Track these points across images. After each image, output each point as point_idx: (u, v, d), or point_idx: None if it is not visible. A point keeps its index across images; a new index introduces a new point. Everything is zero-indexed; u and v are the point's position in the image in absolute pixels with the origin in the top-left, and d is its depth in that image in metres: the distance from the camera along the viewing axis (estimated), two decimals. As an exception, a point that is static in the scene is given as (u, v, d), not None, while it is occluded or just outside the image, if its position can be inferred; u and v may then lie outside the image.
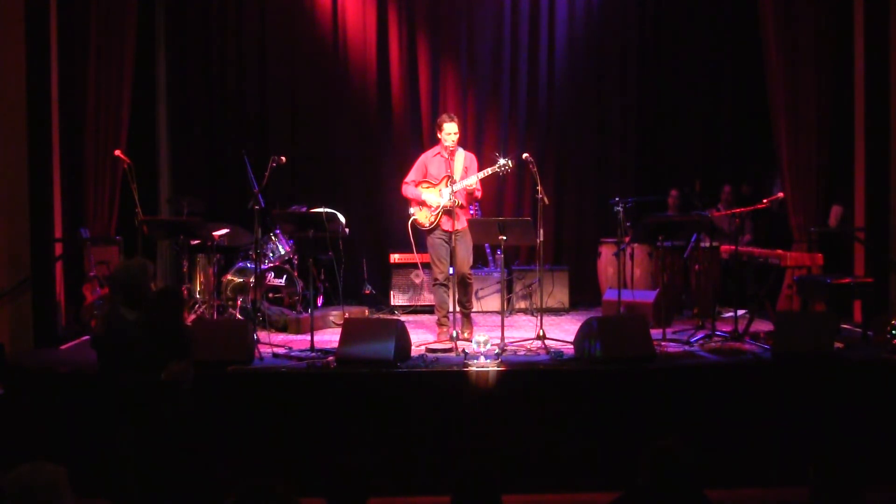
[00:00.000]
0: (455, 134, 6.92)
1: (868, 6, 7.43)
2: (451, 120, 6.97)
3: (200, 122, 9.10)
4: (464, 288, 6.98)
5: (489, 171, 6.84)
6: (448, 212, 6.86)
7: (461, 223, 6.81)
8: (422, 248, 7.26)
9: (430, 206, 6.94)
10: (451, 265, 6.89)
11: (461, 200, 6.84)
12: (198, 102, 9.10)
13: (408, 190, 7.08)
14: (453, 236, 6.73)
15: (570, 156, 9.32)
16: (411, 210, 7.06)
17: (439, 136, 6.98)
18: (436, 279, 7.06)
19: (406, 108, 9.19)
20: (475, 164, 7.01)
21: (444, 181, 6.92)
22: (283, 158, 6.83)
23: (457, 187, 6.79)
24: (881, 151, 7.37)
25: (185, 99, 9.10)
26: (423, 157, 7.16)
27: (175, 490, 4.42)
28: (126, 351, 4.50)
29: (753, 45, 8.42)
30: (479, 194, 7.07)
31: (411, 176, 7.11)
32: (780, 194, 7.76)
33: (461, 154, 6.95)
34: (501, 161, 6.82)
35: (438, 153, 7.04)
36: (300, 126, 9.17)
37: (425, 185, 7.01)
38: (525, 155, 6.80)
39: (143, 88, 8.39)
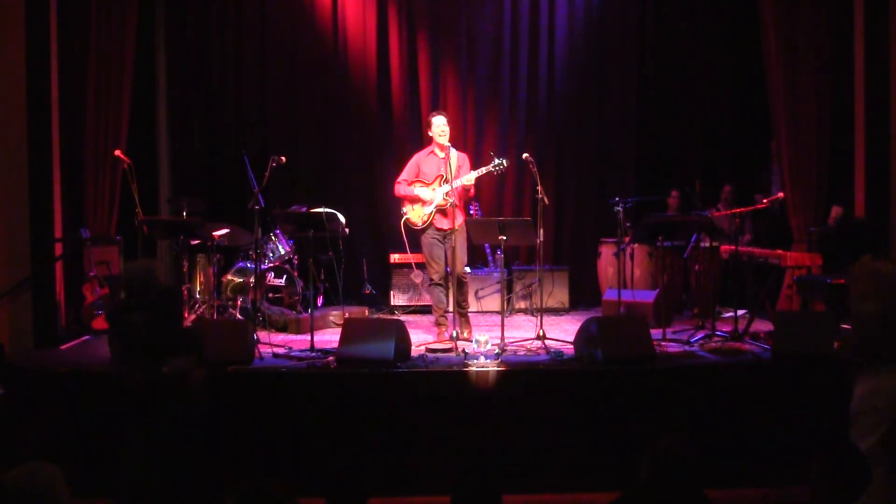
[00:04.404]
0: (444, 126, 6.92)
1: (868, 6, 7.44)
2: (439, 113, 6.99)
3: (200, 122, 9.11)
4: (460, 288, 6.96)
5: (484, 170, 6.85)
6: (442, 211, 6.86)
7: (456, 222, 6.80)
8: (416, 247, 7.24)
9: (424, 202, 6.93)
10: (447, 265, 6.89)
11: (456, 200, 6.81)
12: (198, 102, 9.10)
13: (400, 188, 7.08)
14: (451, 235, 6.72)
15: (570, 156, 9.32)
16: (404, 209, 7.07)
17: (430, 133, 6.99)
18: (431, 279, 7.05)
19: (406, 108, 9.19)
20: (467, 163, 7.01)
21: (438, 181, 6.92)
22: (283, 158, 6.83)
23: (452, 185, 6.78)
24: (881, 151, 7.38)
25: (185, 99, 9.10)
26: (416, 157, 7.16)
27: (176, 490, 4.42)
28: (134, 350, 4.50)
29: (753, 46, 8.42)
30: (473, 192, 7.07)
31: (404, 175, 7.11)
32: (781, 194, 7.76)
33: (454, 154, 6.94)
34: (497, 161, 6.83)
35: (432, 152, 7.04)
36: (300, 126, 9.17)
37: (418, 184, 7.02)
38: (525, 155, 6.80)
39: (143, 88, 8.39)
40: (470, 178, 6.84)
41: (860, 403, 3.19)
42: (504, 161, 6.85)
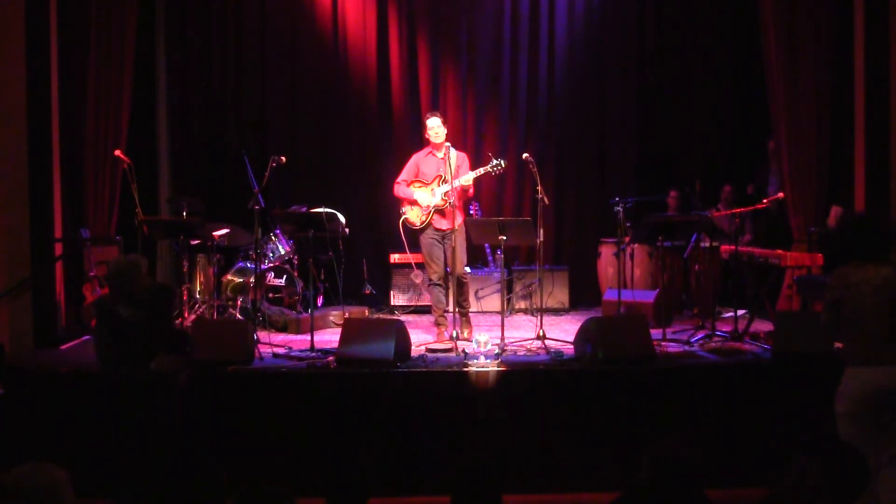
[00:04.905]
0: (438, 127, 6.94)
1: (868, 6, 7.44)
2: (433, 114, 7.01)
3: (200, 122, 9.11)
4: (460, 288, 6.96)
5: (482, 170, 6.85)
6: (440, 211, 6.87)
7: (456, 222, 6.79)
8: (415, 247, 7.25)
9: (421, 206, 6.94)
10: (446, 265, 6.89)
11: (455, 200, 6.80)
12: (198, 102, 9.09)
13: (399, 189, 7.09)
14: (450, 236, 6.72)
15: (570, 156, 9.32)
16: (402, 210, 7.07)
17: (426, 135, 7.00)
18: (430, 279, 7.05)
19: (406, 108, 9.19)
20: (466, 163, 7.01)
21: (436, 181, 6.92)
22: (283, 158, 6.83)
23: (448, 187, 6.77)
24: (881, 152, 7.38)
25: (185, 99, 9.10)
26: (415, 157, 7.17)
27: (174, 490, 4.42)
28: (120, 344, 4.52)
29: (753, 46, 8.42)
30: (471, 192, 7.08)
31: (403, 176, 7.12)
32: (781, 194, 7.76)
33: (453, 154, 6.94)
34: (494, 161, 6.84)
35: (430, 152, 7.06)
36: (300, 126, 9.18)
37: (417, 184, 7.02)
38: (525, 155, 6.80)
39: (143, 88, 8.39)
40: (468, 178, 6.84)
41: (836, 405, 3.27)
42: (502, 161, 6.86)
